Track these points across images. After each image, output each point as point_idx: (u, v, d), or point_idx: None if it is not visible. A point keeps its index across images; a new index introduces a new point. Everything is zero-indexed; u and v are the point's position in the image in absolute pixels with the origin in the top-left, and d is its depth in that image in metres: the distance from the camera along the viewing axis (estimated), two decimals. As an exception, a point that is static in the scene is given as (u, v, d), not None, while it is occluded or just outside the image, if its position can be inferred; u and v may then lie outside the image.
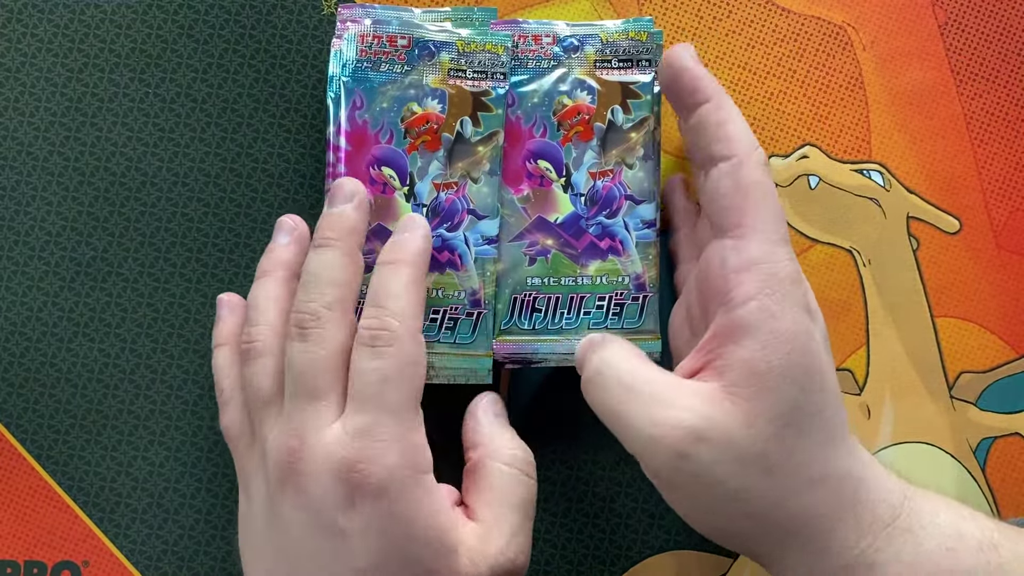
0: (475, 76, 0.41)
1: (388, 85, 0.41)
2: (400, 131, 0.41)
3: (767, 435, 0.33)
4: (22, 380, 0.45)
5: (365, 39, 0.41)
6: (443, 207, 0.41)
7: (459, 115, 0.41)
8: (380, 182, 0.41)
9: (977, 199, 0.47)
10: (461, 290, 0.41)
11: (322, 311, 0.37)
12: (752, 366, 0.33)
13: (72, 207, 0.46)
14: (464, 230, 0.41)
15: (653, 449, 0.34)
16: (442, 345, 0.41)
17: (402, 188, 0.41)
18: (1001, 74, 0.47)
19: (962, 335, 0.46)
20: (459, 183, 0.41)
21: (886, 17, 0.47)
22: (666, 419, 0.34)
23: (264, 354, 0.38)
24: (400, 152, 0.41)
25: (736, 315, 0.34)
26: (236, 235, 0.46)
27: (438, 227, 0.41)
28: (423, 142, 0.41)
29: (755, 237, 0.34)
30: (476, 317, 0.41)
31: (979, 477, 0.46)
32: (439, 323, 0.41)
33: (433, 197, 0.41)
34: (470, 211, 0.41)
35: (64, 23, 0.46)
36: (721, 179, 0.36)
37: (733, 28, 0.46)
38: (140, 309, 0.46)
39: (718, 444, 0.33)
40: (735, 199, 0.35)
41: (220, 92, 0.46)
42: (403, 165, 0.41)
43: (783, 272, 0.34)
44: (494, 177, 0.41)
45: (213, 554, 0.45)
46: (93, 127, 0.46)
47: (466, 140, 0.41)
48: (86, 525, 0.45)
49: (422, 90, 0.41)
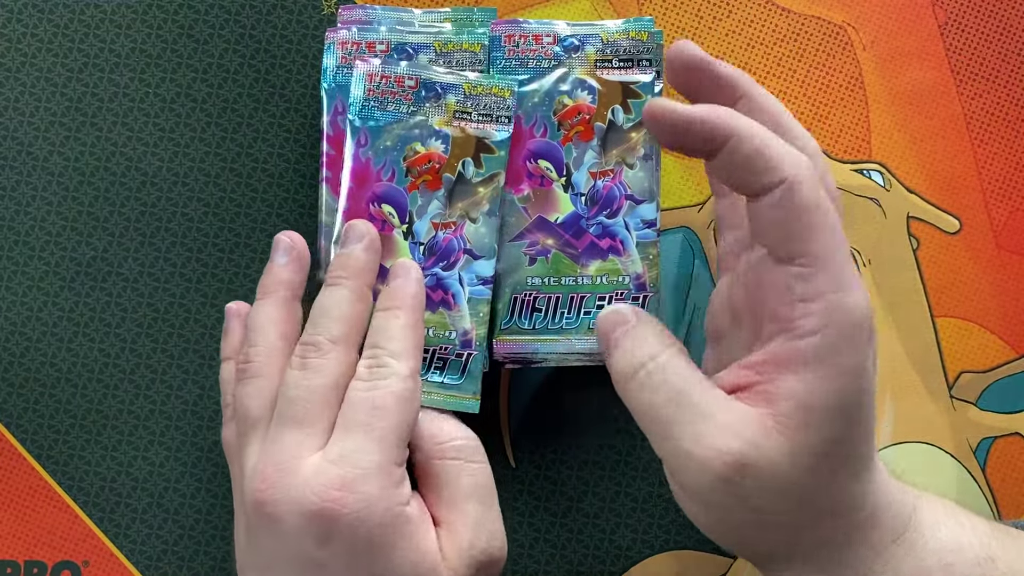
0: (480, 119, 0.42)
1: (394, 125, 0.41)
2: (402, 169, 0.41)
3: (807, 467, 0.32)
4: (22, 380, 0.45)
5: (373, 79, 0.41)
6: (440, 246, 0.41)
7: (462, 156, 0.41)
8: (379, 219, 0.41)
9: (977, 199, 0.47)
10: (452, 330, 0.41)
11: (325, 343, 0.37)
12: (807, 400, 0.31)
13: (72, 207, 0.46)
14: (459, 270, 0.41)
15: (692, 467, 0.33)
16: (430, 385, 0.41)
17: (401, 226, 0.41)
18: (1001, 74, 0.47)
19: (962, 335, 0.46)
20: (458, 223, 0.41)
21: (886, 17, 0.47)
22: (713, 442, 0.32)
23: (258, 376, 0.38)
24: (401, 190, 0.41)
25: (798, 346, 0.32)
26: (236, 235, 0.46)
27: (434, 266, 0.41)
28: (424, 181, 0.41)
29: (822, 266, 0.31)
30: (466, 359, 0.41)
31: (979, 477, 0.46)
32: (428, 362, 0.41)
33: (431, 236, 0.41)
34: (466, 251, 0.41)
35: (64, 23, 0.46)
36: (774, 208, 0.32)
37: (733, 28, 0.46)
38: (140, 309, 0.46)
39: (762, 475, 0.32)
40: (794, 227, 0.31)
41: (220, 92, 0.46)
42: (403, 203, 0.41)
43: (851, 303, 0.31)
44: (492, 218, 0.41)
45: (213, 554, 0.45)
46: (93, 127, 0.46)
47: (467, 181, 0.41)
48: (86, 525, 0.45)
49: (427, 131, 0.41)
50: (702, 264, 0.46)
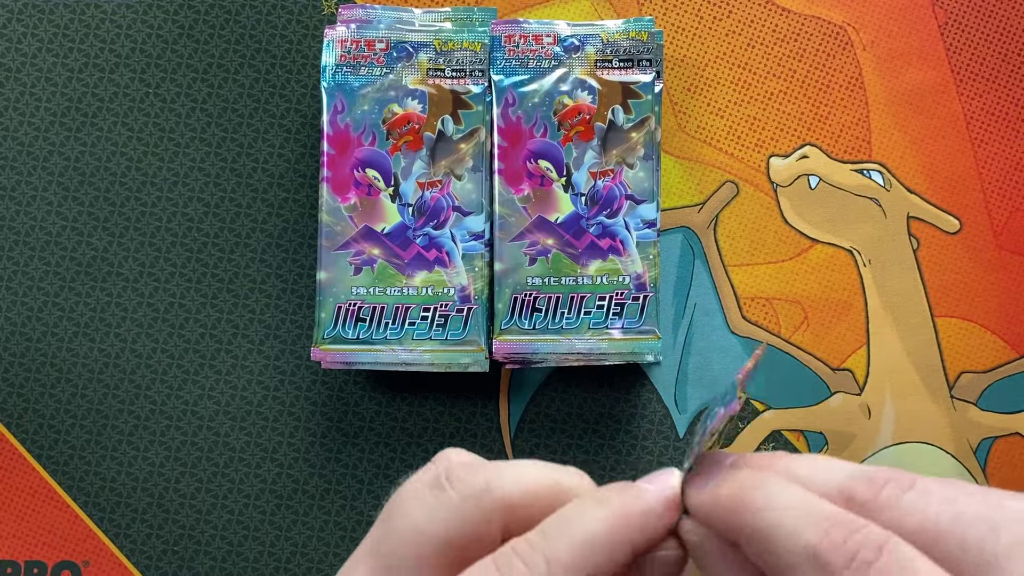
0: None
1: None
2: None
3: None
4: (22, 380, 0.45)
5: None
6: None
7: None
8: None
9: (977, 199, 0.47)
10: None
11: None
12: None
13: (72, 207, 0.46)
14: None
15: None
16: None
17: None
18: (1001, 74, 0.47)
19: (962, 335, 0.46)
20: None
21: (886, 17, 0.47)
22: None
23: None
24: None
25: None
26: (236, 235, 0.46)
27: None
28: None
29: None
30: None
31: (979, 477, 0.46)
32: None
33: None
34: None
35: (64, 23, 0.46)
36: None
37: (733, 28, 0.46)
38: (140, 309, 0.46)
39: None
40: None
41: (220, 92, 0.46)
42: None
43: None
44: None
45: (213, 554, 0.45)
46: (93, 127, 0.46)
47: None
48: (86, 525, 0.45)
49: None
50: (702, 264, 0.46)
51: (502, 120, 0.42)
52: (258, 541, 0.45)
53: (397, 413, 0.45)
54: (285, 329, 0.45)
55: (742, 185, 0.46)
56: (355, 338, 0.42)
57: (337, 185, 0.42)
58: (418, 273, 0.41)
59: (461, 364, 0.42)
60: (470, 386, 0.45)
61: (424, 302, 0.41)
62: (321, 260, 0.42)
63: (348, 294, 0.42)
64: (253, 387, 0.45)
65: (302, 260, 0.45)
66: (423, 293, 0.41)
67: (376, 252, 0.42)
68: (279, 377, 0.45)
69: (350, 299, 0.42)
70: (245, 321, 0.45)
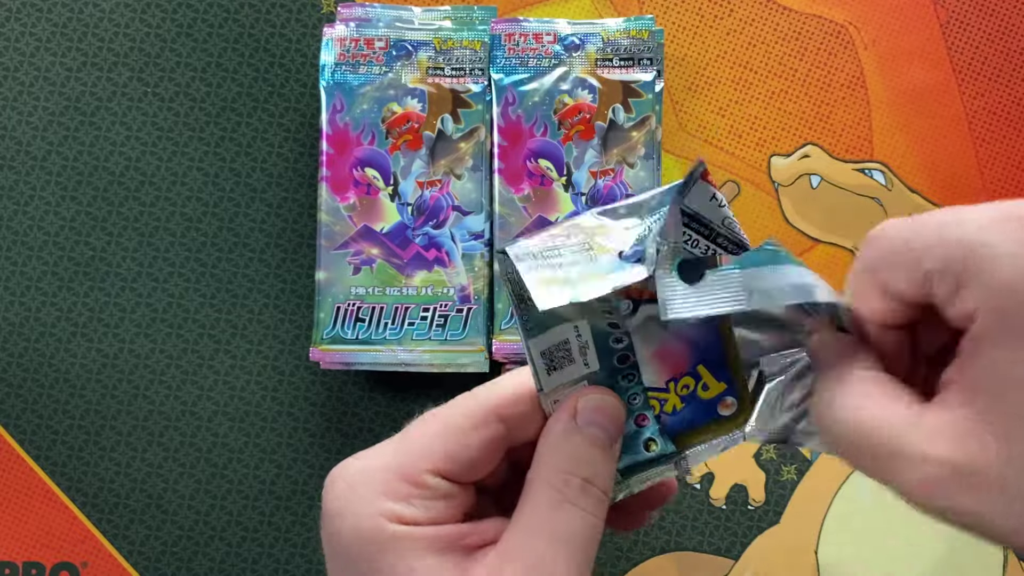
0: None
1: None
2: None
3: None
4: (21, 380, 0.45)
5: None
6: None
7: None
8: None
9: (979, 198, 0.46)
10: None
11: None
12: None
13: (71, 206, 0.45)
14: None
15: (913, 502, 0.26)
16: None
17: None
18: (1003, 73, 0.47)
19: (964, 335, 0.46)
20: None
21: (888, 16, 0.46)
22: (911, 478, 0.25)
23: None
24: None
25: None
26: (235, 235, 0.45)
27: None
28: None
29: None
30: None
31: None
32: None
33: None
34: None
35: (63, 22, 0.46)
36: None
37: (734, 27, 0.46)
38: (139, 309, 0.45)
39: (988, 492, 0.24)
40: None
41: (219, 91, 0.46)
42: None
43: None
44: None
45: (211, 555, 0.45)
46: (92, 126, 0.45)
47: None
48: (85, 526, 0.45)
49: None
50: (703, 264, 0.46)
51: (502, 119, 0.42)
52: (257, 542, 0.45)
53: (397, 413, 0.45)
54: (284, 329, 0.45)
55: (743, 184, 0.46)
56: (354, 338, 0.42)
57: (336, 184, 0.42)
58: (417, 273, 0.41)
59: (460, 364, 0.42)
60: (470, 386, 0.45)
61: (423, 302, 0.41)
62: (320, 260, 0.42)
63: (347, 294, 0.41)
64: (252, 387, 0.45)
65: (301, 260, 0.45)
66: (422, 293, 0.41)
67: (375, 252, 0.42)
68: (278, 377, 0.45)
69: (349, 299, 0.41)
70: (244, 321, 0.45)
